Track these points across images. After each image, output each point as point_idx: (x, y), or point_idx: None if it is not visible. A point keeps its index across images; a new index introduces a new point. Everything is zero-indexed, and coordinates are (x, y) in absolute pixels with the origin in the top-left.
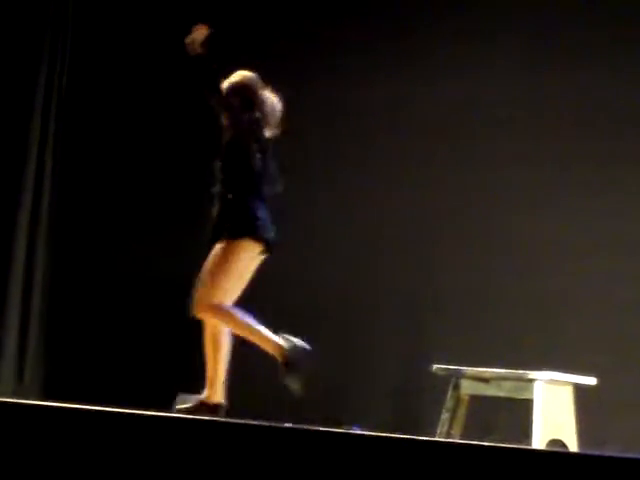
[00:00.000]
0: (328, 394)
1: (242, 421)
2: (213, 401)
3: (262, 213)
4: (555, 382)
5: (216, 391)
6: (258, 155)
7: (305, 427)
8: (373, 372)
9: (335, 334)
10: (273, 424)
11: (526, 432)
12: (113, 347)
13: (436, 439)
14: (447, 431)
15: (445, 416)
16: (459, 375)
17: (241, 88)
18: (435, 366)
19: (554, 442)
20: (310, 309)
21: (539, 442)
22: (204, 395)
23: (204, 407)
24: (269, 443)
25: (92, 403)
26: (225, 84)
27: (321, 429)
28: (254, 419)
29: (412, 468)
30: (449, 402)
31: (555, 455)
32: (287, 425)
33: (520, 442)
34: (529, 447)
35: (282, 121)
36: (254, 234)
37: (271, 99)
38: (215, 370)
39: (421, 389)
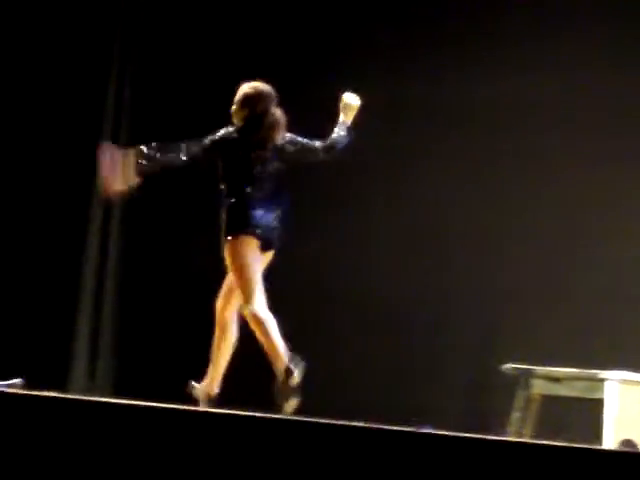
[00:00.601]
0: (398, 393)
1: (316, 420)
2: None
3: (257, 212)
4: (627, 382)
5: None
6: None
7: (375, 425)
8: (444, 372)
9: (405, 333)
10: (345, 422)
11: (597, 432)
12: (183, 346)
13: (507, 439)
14: (518, 431)
15: (516, 415)
16: (530, 375)
17: (252, 100)
18: (506, 365)
19: (626, 442)
20: (381, 308)
21: (610, 442)
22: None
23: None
24: (341, 441)
25: (162, 401)
26: (239, 93)
27: (391, 428)
28: (327, 417)
29: (483, 468)
30: (519, 401)
31: (626, 455)
32: (357, 424)
33: (591, 442)
34: (600, 447)
35: (284, 132)
36: (245, 230)
37: (278, 113)
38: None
39: (492, 388)
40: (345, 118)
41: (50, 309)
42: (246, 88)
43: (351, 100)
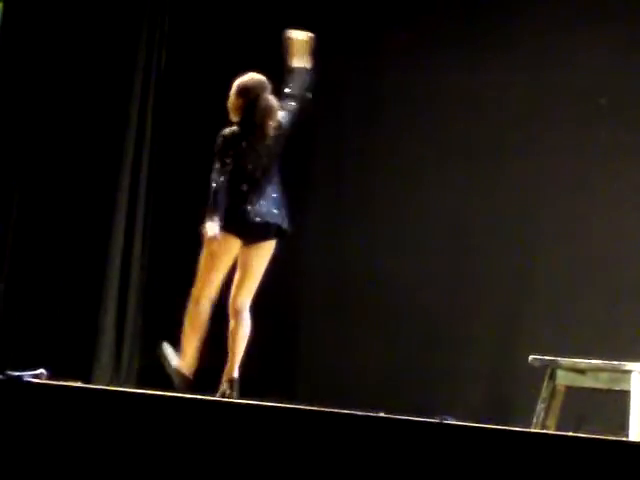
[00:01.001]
0: (422, 384)
1: (339, 411)
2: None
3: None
4: None
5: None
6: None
7: (399, 417)
8: (468, 362)
9: (429, 324)
10: (368, 414)
11: (623, 424)
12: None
13: (531, 430)
14: (542, 422)
15: (540, 407)
16: (555, 366)
17: (246, 90)
18: (531, 356)
19: None
20: (403, 300)
21: (636, 434)
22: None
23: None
24: (363, 432)
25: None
26: (235, 84)
27: (415, 419)
28: (347, 409)
29: (507, 459)
30: (544, 393)
31: None
32: (381, 414)
33: (616, 434)
34: (625, 439)
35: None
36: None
37: (272, 103)
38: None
39: (517, 379)
40: (297, 60)
41: (76, 300)
42: (238, 80)
43: (298, 35)
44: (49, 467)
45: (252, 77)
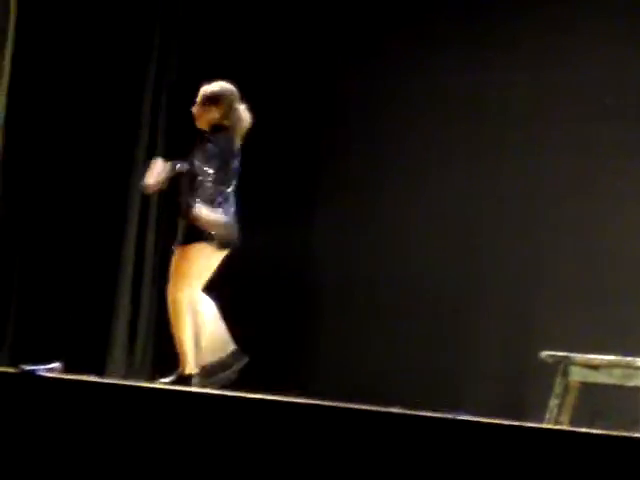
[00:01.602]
0: (435, 379)
1: (354, 406)
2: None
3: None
4: None
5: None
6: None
7: (413, 412)
8: (480, 358)
9: (442, 320)
10: (382, 409)
11: (636, 419)
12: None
13: (545, 426)
14: (556, 418)
15: (554, 403)
16: (568, 362)
17: (219, 99)
18: (543, 353)
19: None
20: (417, 295)
21: None
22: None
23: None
24: (378, 428)
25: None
26: (203, 92)
27: (428, 414)
28: (360, 403)
29: (520, 455)
30: (557, 389)
31: None
32: (395, 410)
33: (629, 430)
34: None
35: (248, 131)
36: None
37: (244, 112)
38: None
39: (530, 375)
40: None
41: (89, 294)
42: (215, 87)
43: None
44: (63, 461)
45: (225, 85)
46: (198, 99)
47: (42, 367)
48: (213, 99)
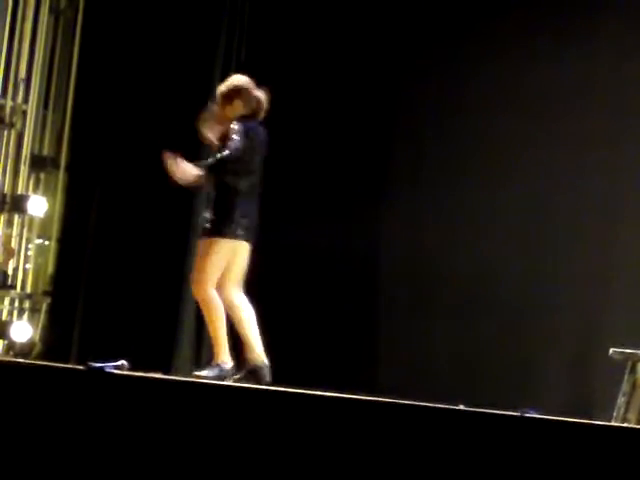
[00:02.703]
0: (502, 377)
1: (418, 403)
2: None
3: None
4: None
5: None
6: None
7: (479, 410)
8: (549, 356)
9: (510, 316)
10: (448, 406)
11: None
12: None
13: (612, 424)
14: (623, 416)
15: (621, 400)
16: (636, 359)
17: (241, 90)
18: (611, 349)
19: None
20: (483, 292)
21: None
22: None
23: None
24: (444, 425)
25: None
26: (225, 87)
27: (495, 412)
28: (426, 399)
29: (588, 453)
30: (625, 386)
31: None
32: (461, 407)
33: None
34: None
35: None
36: None
37: (262, 96)
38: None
39: (598, 373)
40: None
41: (156, 292)
42: (235, 81)
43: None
44: (130, 456)
45: (242, 78)
46: (219, 100)
47: (110, 364)
48: (235, 92)
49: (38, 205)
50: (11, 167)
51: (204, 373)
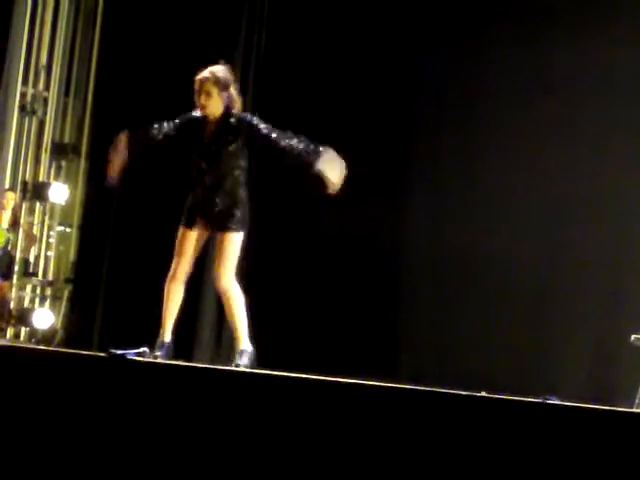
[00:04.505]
0: (524, 363)
1: (440, 390)
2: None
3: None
4: None
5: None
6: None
7: (501, 396)
8: (570, 342)
9: (533, 303)
10: (469, 393)
11: None
12: (308, 315)
13: (634, 410)
14: None
15: None
16: None
17: (229, 83)
18: (633, 336)
19: None
20: (505, 279)
21: None
22: None
23: None
24: (467, 412)
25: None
26: (218, 75)
27: (517, 399)
28: (449, 386)
29: (609, 439)
30: None
31: None
32: (482, 394)
33: None
34: None
35: None
36: None
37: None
38: None
39: (620, 359)
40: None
41: None
42: (219, 71)
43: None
44: (151, 442)
45: (227, 69)
46: (211, 87)
47: (131, 351)
48: (227, 84)
49: (59, 193)
50: (32, 155)
51: (242, 362)
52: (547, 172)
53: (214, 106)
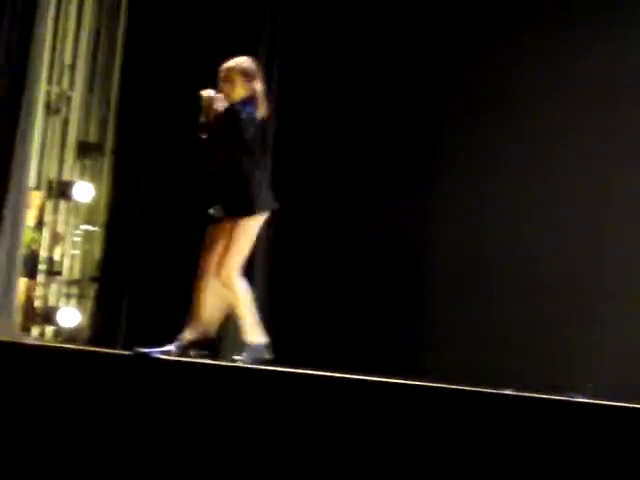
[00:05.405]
0: (553, 362)
1: (466, 388)
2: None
3: None
4: None
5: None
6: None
7: (527, 394)
8: (599, 340)
9: (560, 302)
10: (495, 391)
11: None
12: (335, 314)
13: None
14: None
15: None
16: None
17: (254, 74)
18: None
19: None
20: (534, 275)
21: None
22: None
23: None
24: (492, 410)
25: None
26: (243, 64)
27: (543, 396)
28: (475, 384)
29: (637, 437)
30: None
31: None
32: (509, 392)
33: None
34: None
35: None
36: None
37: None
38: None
39: None
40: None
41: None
42: (244, 62)
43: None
44: (177, 440)
45: (251, 61)
46: (235, 76)
47: (156, 350)
48: (251, 75)
49: (84, 191)
50: (57, 153)
51: (243, 357)
52: (576, 171)
53: (237, 95)
